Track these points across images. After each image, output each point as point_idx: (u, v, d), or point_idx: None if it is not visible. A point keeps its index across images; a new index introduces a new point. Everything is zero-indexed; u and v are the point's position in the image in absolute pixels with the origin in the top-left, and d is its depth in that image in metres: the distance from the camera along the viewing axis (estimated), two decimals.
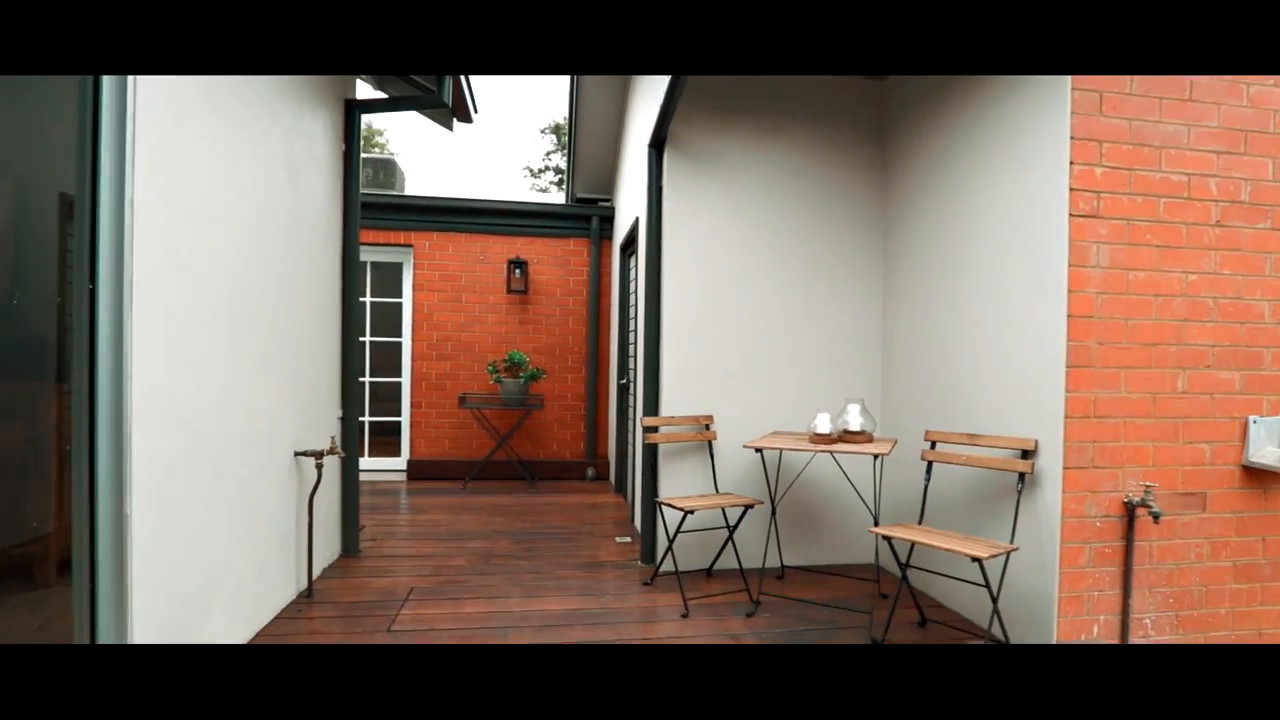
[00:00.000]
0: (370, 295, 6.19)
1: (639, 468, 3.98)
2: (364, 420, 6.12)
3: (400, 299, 6.27)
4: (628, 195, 5.18)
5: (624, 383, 5.35)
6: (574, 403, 6.38)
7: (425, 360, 6.17)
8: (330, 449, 3.07)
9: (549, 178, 24.54)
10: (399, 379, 6.27)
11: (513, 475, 6.11)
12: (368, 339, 6.17)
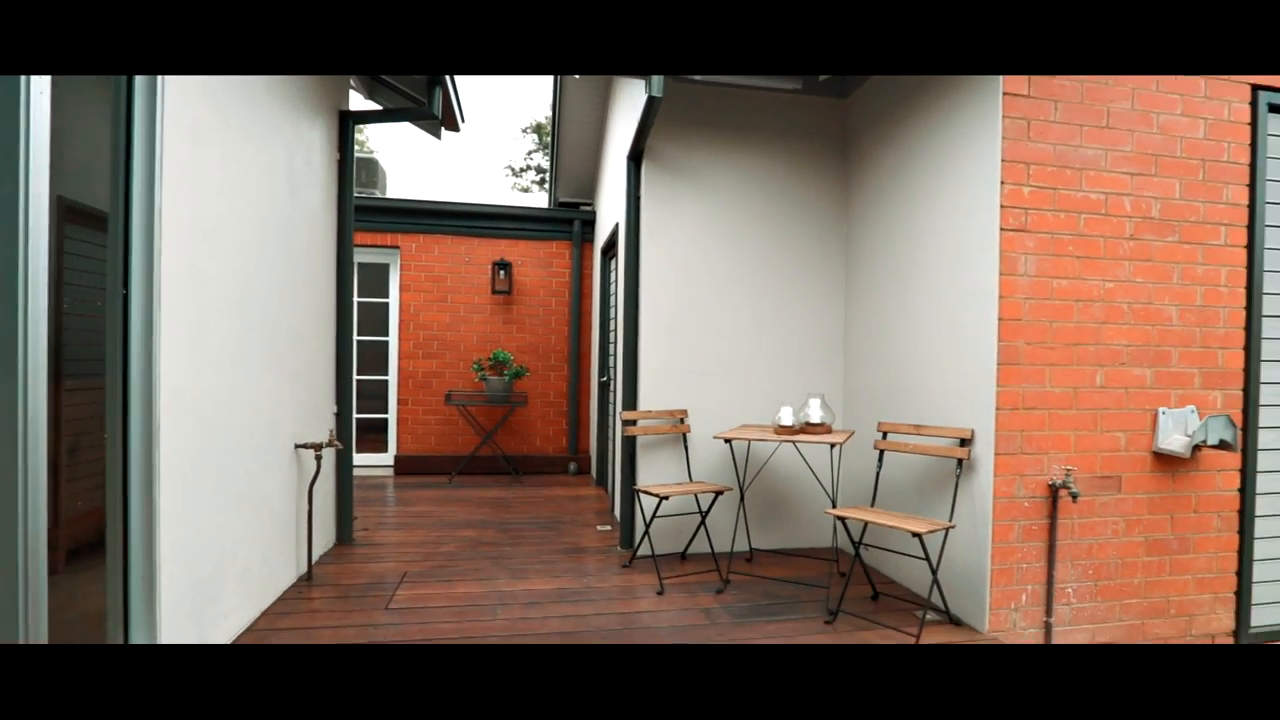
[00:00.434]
0: (358, 295, 6.34)
1: (619, 460, 4.23)
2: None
3: (387, 299, 6.44)
4: (608, 201, 5.42)
5: (605, 380, 5.59)
6: (556, 400, 6.61)
7: (412, 359, 6.35)
8: (329, 441, 3.27)
9: (530, 177, 24.62)
10: (385, 377, 6.45)
11: (498, 470, 6.32)
12: (355, 338, 6.32)
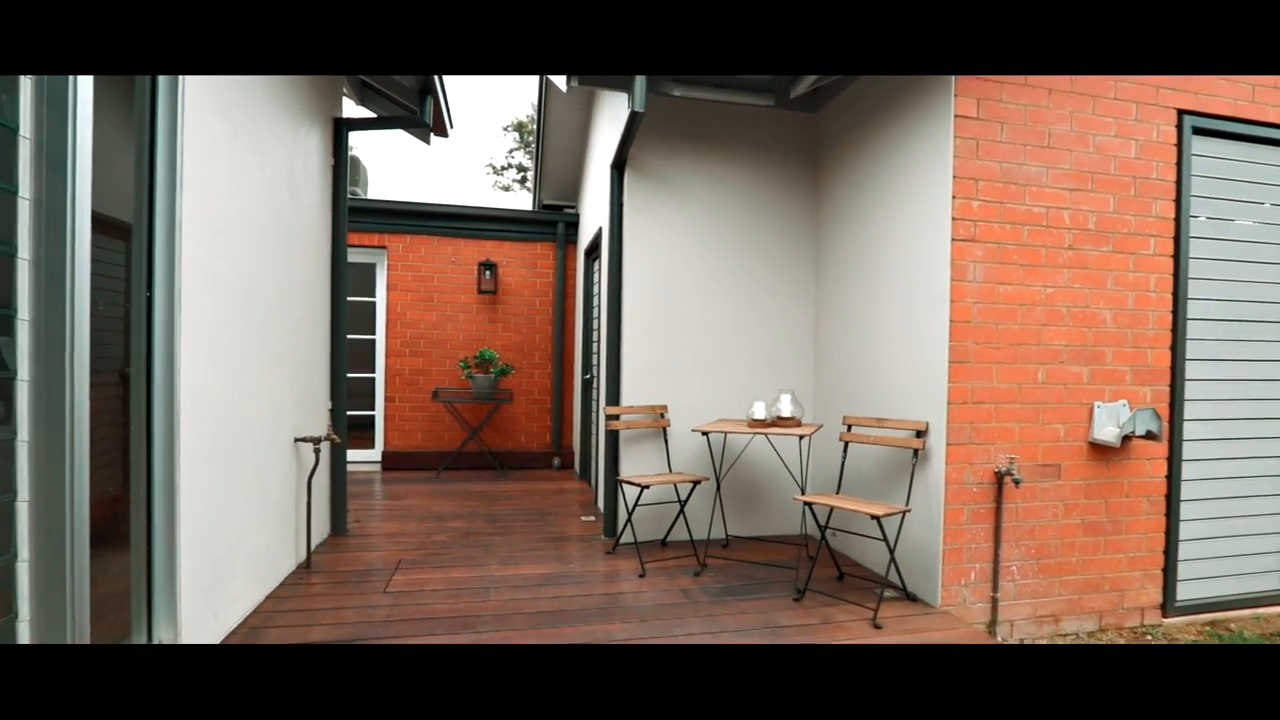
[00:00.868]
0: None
1: (602, 453, 4.44)
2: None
3: (374, 298, 6.57)
4: (591, 205, 5.63)
5: (588, 378, 5.80)
6: (541, 397, 6.80)
7: (399, 356, 6.49)
8: (327, 435, 3.43)
9: (511, 175, 24.65)
10: (372, 374, 6.58)
11: (483, 465, 6.49)
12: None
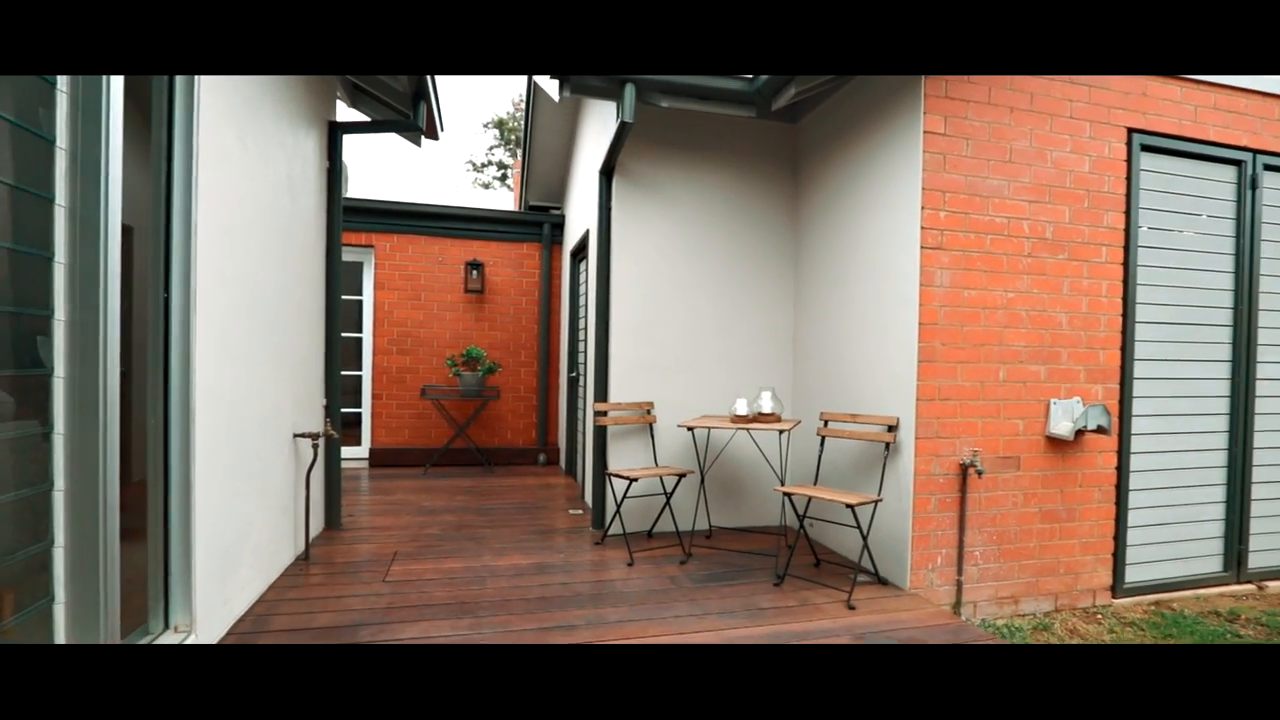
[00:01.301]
0: None
1: (590, 449, 4.60)
2: None
3: (361, 296, 6.63)
4: (578, 208, 5.77)
5: (574, 376, 5.95)
6: (527, 394, 6.93)
7: (386, 354, 6.57)
8: (325, 431, 3.53)
9: (491, 172, 24.60)
10: (359, 372, 6.64)
11: (470, 461, 6.61)
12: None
